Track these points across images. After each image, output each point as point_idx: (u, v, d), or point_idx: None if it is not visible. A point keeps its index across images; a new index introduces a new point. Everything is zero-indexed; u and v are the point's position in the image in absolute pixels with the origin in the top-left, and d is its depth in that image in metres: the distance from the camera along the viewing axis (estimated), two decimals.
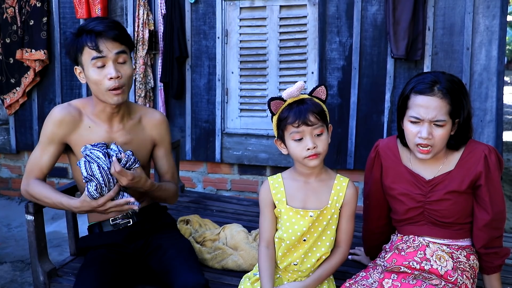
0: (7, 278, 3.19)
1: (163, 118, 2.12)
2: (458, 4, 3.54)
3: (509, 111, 11.78)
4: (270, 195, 1.73)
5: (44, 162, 1.93)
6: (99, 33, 1.82)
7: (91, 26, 1.83)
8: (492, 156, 1.68)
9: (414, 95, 1.65)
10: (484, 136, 3.60)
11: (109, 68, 1.84)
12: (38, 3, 4.33)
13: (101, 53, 1.82)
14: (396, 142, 1.84)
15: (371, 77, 3.76)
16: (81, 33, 1.84)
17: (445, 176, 1.71)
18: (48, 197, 1.88)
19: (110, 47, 1.83)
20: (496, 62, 3.53)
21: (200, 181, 4.38)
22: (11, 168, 4.87)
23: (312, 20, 3.83)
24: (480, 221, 1.70)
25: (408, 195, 1.75)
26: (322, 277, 1.71)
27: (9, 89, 4.55)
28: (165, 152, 2.15)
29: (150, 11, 4.10)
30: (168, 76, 4.07)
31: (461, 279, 1.65)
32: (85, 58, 1.85)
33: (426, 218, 1.74)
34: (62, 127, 1.91)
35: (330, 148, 3.85)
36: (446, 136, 1.65)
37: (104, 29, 1.82)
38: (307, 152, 1.63)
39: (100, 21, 1.86)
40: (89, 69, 1.85)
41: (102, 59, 1.83)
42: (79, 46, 1.84)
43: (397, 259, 1.70)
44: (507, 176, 5.82)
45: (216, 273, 2.08)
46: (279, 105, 1.65)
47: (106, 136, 1.96)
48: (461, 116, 1.66)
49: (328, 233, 1.71)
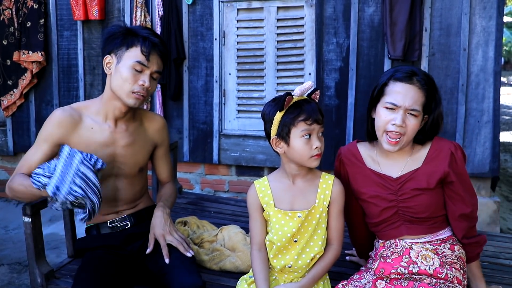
0: (4, 280, 3.18)
1: (164, 122, 2.19)
2: (454, 5, 3.55)
3: (506, 112, 11.81)
4: (258, 199, 1.73)
5: (34, 160, 1.89)
6: (155, 45, 1.89)
7: (146, 34, 1.89)
8: (459, 153, 1.71)
9: (393, 82, 1.68)
10: (481, 136, 3.61)
11: (145, 77, 1.89)
12: (35, 5, 4.33)
13: (148, 63, 1.88)
14: (357, 147, 1.85)
15: (368, 78, 3.77)
16: (135, 34, 1.89)
17: (413, 173, 1.72)
18: (22, 184, 1.79)
19: (156, 61, 1.91)
20: (493, 63, 3.54)
21: (197, 183, 4.38)
22: (8, 170, 4.86)
23: (309, 21, 3.83)
24: (457, 212, 1.72)
25: (378, 196, 1.76)
26: (317, 276, 1.72)
27: (6, 91, 4.55)
28: (164, 152, 2.22)
29: (147, 12, 4.10)
30: (166, 78, 4.07)
31: (451, 273, 1.66)
32: (129, 55, 1.88)
33: (402, 217, 1.75)
34: (59, 128, 1.90)
35: (328, 149, 3.87)
36: (416, 128, 1.68)
37: (159, 43, 1.91)
38: (314, 151, 1.63)
39: (153, 33, 1.94)
40: (126, 66, 1.87)
41: (143, 67, 1.88)
42: (129, 43, 1.88)
43: (384, 269, 1.70)
44: (505, 176, 5.83)
45: (214, 274, 2.08)
46: (289, 100, 1.64)
47: (110, 136, 1.96)
48: (433, 112, 1.69)
49: (319, 232, 1.72)
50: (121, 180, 2.03)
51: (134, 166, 2.04)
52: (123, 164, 2.01)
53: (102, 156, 1.91)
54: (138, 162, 2.06)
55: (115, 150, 1.98)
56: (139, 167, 2.07)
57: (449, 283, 1.65)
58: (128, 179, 2.05)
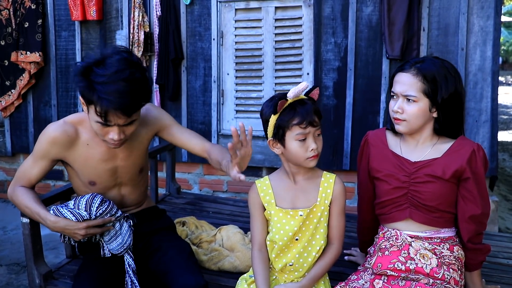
0: (2, 281, 3.17)
1: (146, 110, 1.98)
2: (452, 5, 3.56)
3: (504, 111, 11.83)
4: (259, 198, 1.73)
5: (34, 174, 1.91)
6: (112, 103, 1.64)
7: (103, 95, 1.63)
8: (481, 152, 1.72)
9: (396, 73, 1.76)
10: (479, 136, 3.61)
11: (113, 133, 1.74)
12: (33, 5, 4.32)
13: (109, 122, 1.70)
14: (384, 132, 1.91)
15: (366, 78, 3.77)
16: (91, 88, 1.66)
17: (431, 161, 1.74)
18: (28, 207, 1.85)
19: (119, 118, 1.69)
20: (491, 62, 3.55)
21: (196, 183, 4.37)
22: (6, 170, 4.85)
23: (307, 21, 3.84)
24: (467, 212, 1.72)
25: (392, 176, 1.79)
26: (318, 276, 1.71)
27: (4, 92, 4.54)
28: (177, 127, 2.06)
29: (145, 13, 4.10)
30: (164, 78, 4.07)
31: (448, 274, 1.67)
32: (91, 111, 1.71)
33: (409, 201, 1.76)
34: (55, 146, 1.86)
35: (326, 149, 3.88)
36: (419, 113, 1.70)
37: (117, 106, 1.65)
38: (310, 152, 1.63)
39: (115, 87, 1.64)
40: (92, 119, 1.73)
41: (107, 124, 1.71)
42: (88, 99, 1.69)
43: (382, 263, 1.70)
44: (503, 176, 5.84)
45: (213, 274, 2.08)
46: (282, 104, 1.64)
47: (107, 151, 1.90)
48: (439, 96, 1.68)
49: (321, 231, 1.72)
50: (124, 187, 2.03)
51: (135, 170, 2.03)
52: (125, 173, 1.99)
53: (102, 170, 1.92)
54: (139, 164, 2.03)
55: (115, 163, 1.95)
56: (140, 168, 2.05)
57: (446, 284, 1.66)
58: (131, 183, 2.04)
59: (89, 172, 1.92)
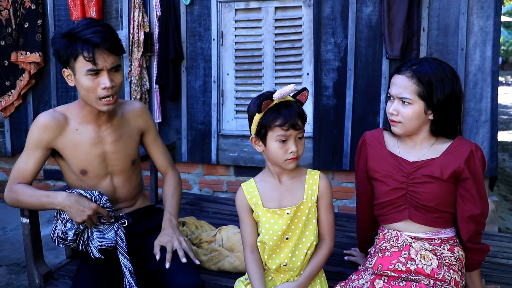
0: (2, 281, 3.17)
1: (143, 107, 2.16)
2: (452, 5, 3.56)
3: (504, 111, 11.83)
4: (246, 200, 1.75)
5: (29, 169, 1.92)
6: (96, 45, 1.78)
7: (87, 36, 1.78)
8: (479, 152, 1.72)
9: (393, 75, 1.77)
10: (479, 136, 3.61)
11: (103, 78, 1.83)
12: (33, 5, 4.32)
13: (97, 66, 1.80)
14: (382, 132, 1.92)
15: (366, 78, 3.77)
16: (74, 39, 1.80)
17: (429, 161, 1.74)
18: (32, 195, 1.87)
19: (106, 59, 1.82)
20: (491, 62, 3.55)
21: (196, 183, 4.37)
22: (6, 171, 4.85)
23: (307, 21, 3.84)
24: (466, 212, 1.72)
25: (391, 176, 1.79)
26: (314, 273, 1.73)
27: (4, 92, 4.54)
28: (154, 137, 2.19)
29: (145, 13, 4.10)
30: (164, 78, 4.07)
31: (448, 275, 1.67)
32: (79, 66, 1.82)
33: (408, 201, 1.76)
34: (47, 132, 1.90)
35: (325, 149, 3.88)
36: (414, 116, 1.70)
37: (101, 41, 1.79)
38: (289, 155, 1.64)
39: (95, 29, 1.81)
40: (81, 77, 1.83)
41: (97, 71, 1.82)
42: (73, 53, 1.80)
43: (382, 264, 1.70)
44: (503, 176, 5.84)
45: (212, 274, 2.08)
46: (267, 104, 1.65)
47: (96, 135, 1.96)
48: (434, 98, 1.67)
49: (310, 228, 1.73)
50: (116, 177, 2.04)
51: (126, 159, 2.05)
52: (116, 160, 2.01)
53: (93, 156, 1.96)
54: (129, 154, 2.06)
55: (104, 148, 1.98)
56: (131, 159, 2.07)
57: (446, 285, 1.66)
58: (123, 175, 2.05)
59: (80, 158, 1.95)
